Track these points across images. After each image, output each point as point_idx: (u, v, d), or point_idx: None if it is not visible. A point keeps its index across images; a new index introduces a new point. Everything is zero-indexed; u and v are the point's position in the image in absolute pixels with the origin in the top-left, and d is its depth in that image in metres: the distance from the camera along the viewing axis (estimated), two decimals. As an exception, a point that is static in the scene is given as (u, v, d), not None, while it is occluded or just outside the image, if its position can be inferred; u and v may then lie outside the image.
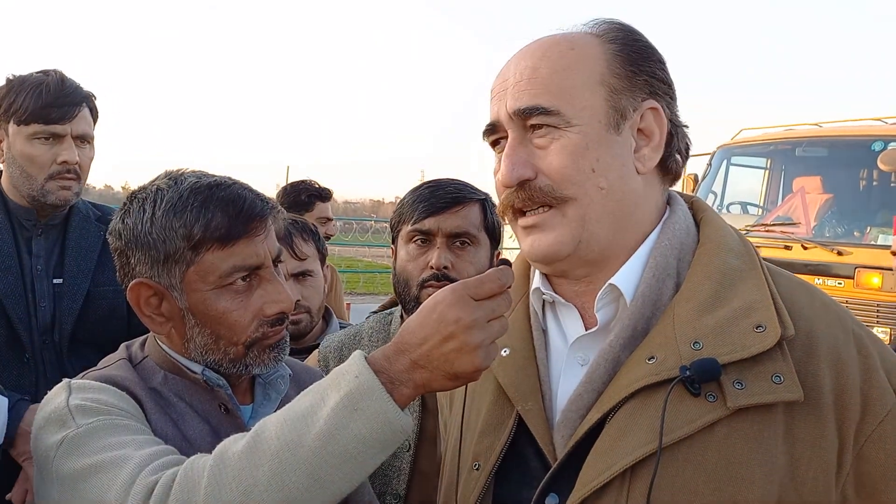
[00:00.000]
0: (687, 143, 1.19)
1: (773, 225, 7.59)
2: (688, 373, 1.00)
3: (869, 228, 7.13)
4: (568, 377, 1.14)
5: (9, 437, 1.91)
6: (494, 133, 1.17)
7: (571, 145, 1.08)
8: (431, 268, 1.80)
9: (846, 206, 7.64)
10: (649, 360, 1.04)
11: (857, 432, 1.02)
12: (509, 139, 1.13)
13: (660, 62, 1.15)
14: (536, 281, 1.20)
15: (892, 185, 7.43)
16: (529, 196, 1.11)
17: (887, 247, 6.71)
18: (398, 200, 2.02)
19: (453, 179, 1.92)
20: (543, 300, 1.21)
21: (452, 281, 1.74)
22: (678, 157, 1.17)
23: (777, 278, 1.11)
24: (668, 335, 1.05)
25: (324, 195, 4.31)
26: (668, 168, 1.16)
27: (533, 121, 1.10)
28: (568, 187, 1.09)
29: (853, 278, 6.70)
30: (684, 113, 1.19)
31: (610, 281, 1.11)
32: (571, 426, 1.09)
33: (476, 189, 1.92)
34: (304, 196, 4.14)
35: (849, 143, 7.71)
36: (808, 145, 8.06)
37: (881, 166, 7.01)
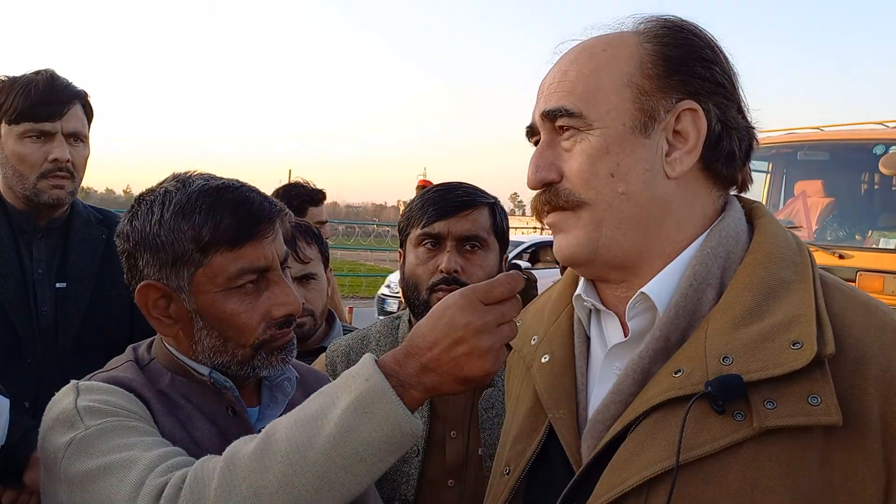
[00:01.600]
0: (748, 146, 1.10)
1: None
2: (709, 389, 0.94)
3: (871, 232, 7.13)
4: (602, 386, 1.10)
5: (19, 461, 1.92)
6: (534, 135, 1.16)
7: (591, 149, 1.05)
8: (441, 272, 1.79)
9: (848, 209, 7.63)
10: (676, 373, 0.99)
11: None
12: (540, 141, 1.12)
13: (704, 60, 1.07)
14: (580, 287, 1.17)
15: (893, 188, 7.42)
16: (549, 200, 1.10)
17: (889, 250, 6.72)
18: (399, 204, 2.02)
19: (462, 183, 1.91)
20: (590, 308, 1.17)
21: (462, 285, 1.74)
22: (730, 161, 1.08)
23: (832, 292, 1.02)
24: (697, 348, 0.99)
25: (315, 199, 4.17)
26: (718, 172, 1.08)
27: (559, 123, 1.08)
28: (585, 191, 1.06)
29: (855, 282, 6.69)
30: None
31: (642, 290, 1.06)
32: (597, 436, 1.05)
33: (485, 193, 1.91)
34: (294, 202, 4.02)
35: (850, 147, 7.70)
36: (809, 149, 8.05)
37: (883, 170, 7.00)
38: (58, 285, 2.26)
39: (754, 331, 0.97)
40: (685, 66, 1.06)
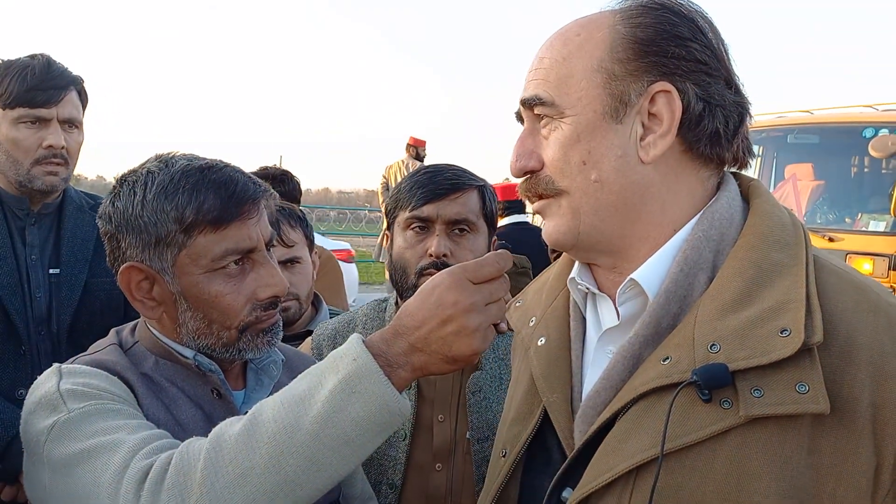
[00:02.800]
0: (736, 123, 1.05)
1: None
2: (695, 378, 0.93)
3: (860, 215, 7.17)
4: (595, 369, 1.10)
5: (17, 456, 1.90)
6: (521, 121, 1.16)
7: (563, 137, 1.05)
8: (430, 255, 1.77)
9: (837, 192, 7.68)
10: (664, 360, 0.98)
11: None
12: (523, 129, 1.12)
13: (679, 38, 1.03)
14: (574, 270, 1.17)
15: (883, 171, 7.45)
16: (530, 188, 1.10)
17: (878, 233, 6.76)
18: (387, 172, 2.00)
19: (451, 165, 1.90)
20: (586, 291, 1.17)
21: None
22: (715, 139, 1.04)
23: (825, 275, 1.00)
24: (686, 335, 0.98)
25: (286, 183, 4.16)
26: (701, 152, 1.05)
27: (536, 111, 1.08)
28: (561, 180, 1.06)
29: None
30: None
31: (631, 276, 1.05)
32: (589, 422, 1.06)
33: (475, 175, 1.89)
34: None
35: (840, 130, 7.74)
36: (799, 132, 8.08)
37: (872, 153, 7.04)
38: (51, 271, 2.25)
39: (743, 317, 0.96)
40: (657, 47, 1.03)
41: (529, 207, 1.18)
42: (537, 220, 6.64)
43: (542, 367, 1.16)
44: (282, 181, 3.94)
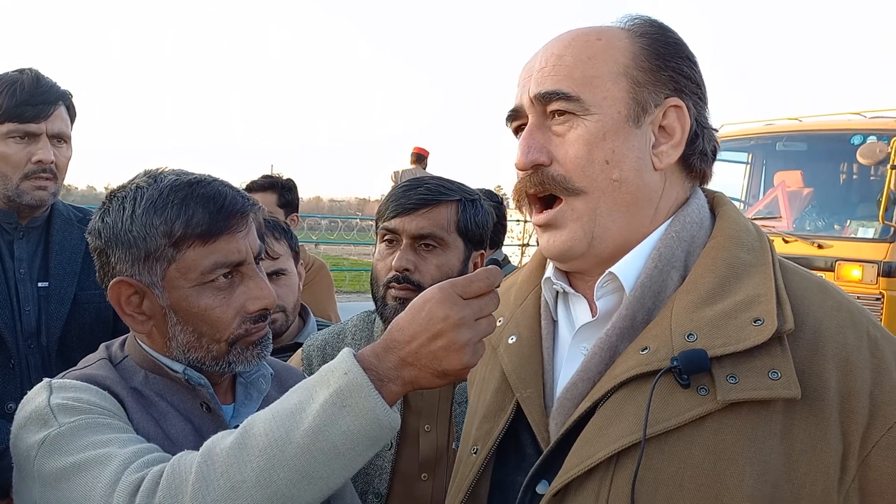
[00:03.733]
0: (714, 146, 1.17)
1: (755, 219, 7.61)
2: (675, 363, 0.98)
3: (849, 222, 7.21)
4: (569, 366, 1.13)
5: (6, 472, 1.89)
6: (517, 119, 1.17)
7: (588, 133, 1.08)
8: (392, 269, 1.77)
9: (826, 199, 7.71)
10: (643, 350, 1.03)
11: (863, 438, 0.97)
12: (529, 123, 1.13)
13: (689, 60, 1.13)
14: (549, 271, 1.19)
15: (871, 178, 7.49)
16: (541, 181, 1.11)
17: (867, 240, 6.79)
18: (394, 176, 2.01)
19: (433, 178, 1.89)
20: (556, 291, 1.20)
21: (415, 283, 1.73)
22: (703, 157, 1.15)
23: (790, 275, 1.08)
24: (664, 326, 1.04)
25: (293, 190, 4.17)
26: (691, 166, 1.14)
27: (553, 106, 1.10)
28: (580, 179, 1.08)
29: (834, 271, 6.76)
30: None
31: (610, 269, 1.10)
32: (566, 414, 1.08)
33: (455, 189, 1.85)
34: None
35: (828, 138, 7.78)
36: (788, 140, 8.13)
37: (860, 160, 7.08)
38: (40, 284, 2.24)
39: (718, 309, 1.02)
40: (675, 63, 1.11)
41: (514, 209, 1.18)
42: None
43: (515, 364, 1.18)
44: (289, 189, 3.97)
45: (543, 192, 1.12)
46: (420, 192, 1.81)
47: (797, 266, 1.13)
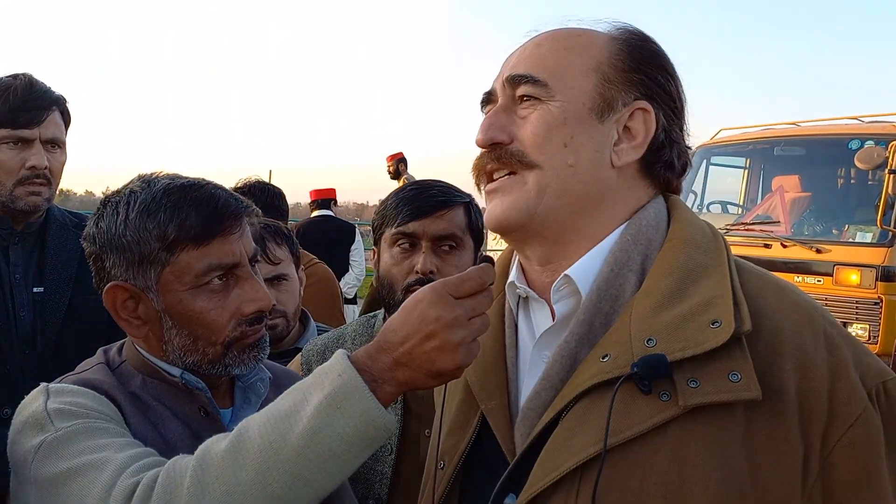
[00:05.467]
0: (685, 162, 1.17)
1: (753, 224, 7.65)
2: (636, 369, 0.97)
3: (847, 226, 7.20)
4: (532, 374, 1.13)
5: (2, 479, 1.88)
6: (489, 103, 1.19)
7: (549, 116, 1.09)
8: (417, 272, 1.78)
9: (824, 204, 7.71)
10: (603, 357, 1.02)
11: (824, 437, 0.97)
12: (497, 104, 1.15)
13: (666, 72, 1.14)
14: (512, 275, 1.19)
15: (869, 183, 7.50)
16: (498, 157, 1.12)
17: (865, 244, 6.80)
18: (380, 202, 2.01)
19: (437, 181, 1.91)
20: (518, 297, 1.20)
21: None
22: (669, 168, 1.15)
23: (747, 276, 1.08)
24: (623, 332, 1.03)
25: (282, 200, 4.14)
26: (654, 173, 1.14)
27: (521, 90, 1.12)
28: (536, 154, 1.09)
29: (832, 275, 6.76)
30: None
31: (566, 272, 1.10)
32: (530, 425, 1.07)
33: (461, 191, 1.91)
34: (263, 200, 3.94)
35: (826, 142, 7.79)
36: (786, 144, 8.14)
37: (858, 165, 7.08)
38: (35, 290, 2.24)
39: (675, 313, 1.02)
40: (649, 70, 1.13)
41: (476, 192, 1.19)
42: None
43: (478, 375, 1.17)
44: (280, 198, 3.92)
45: (500, 169, 1.13)
46: (434, 194, 1.84)
47: (753, 266, 1.13)
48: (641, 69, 1.12)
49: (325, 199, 6.90)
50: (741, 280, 1.06)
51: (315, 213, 6.89)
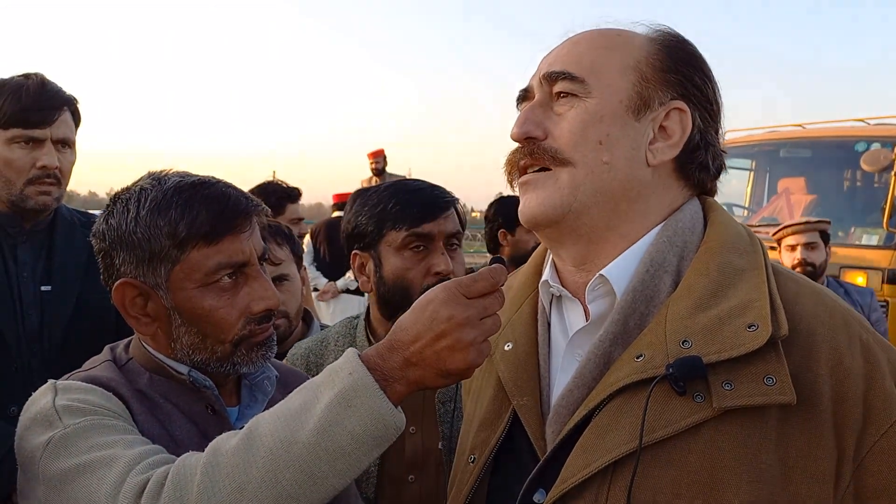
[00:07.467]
0: (720, 164, 1.17)
1: (759, 226, 7.64)
2: (671, 371, 0.97)
3: (853, 228, 7.18)
4: (565, 373, 1.13)
5: (8, 476, 1.87)
6: (525, 100, 1.19)
7: (586, 113, 1.09)
8: (438, 273, 1.77)
9: (830, 206, 7.68)
10: (637, 357, 1.02)
11: (858, 442, 0.97)
12: (534, 100, 1.16)
13: (703, 73, 1.15)
14: (546, 274, 1.20)
15: (875, 185, 7.47)
16: (532, 152, 1.12)
17: (871, 246, 6.78)
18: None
19: (421, 180, 1.92)
20: (552, 295, 1.20)
21: None
22: (703, 169, 1.15)
23: (783, 280, 1.08)
24: (658, 333, 1.03)
25: (293, 196, 4.24)
26: (688, 174, 1.14)
27: (558, 87, 1.12)
28: (571, 152, 1.09)
29: (839, 277, 6.74)
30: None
31: (601, 272, 1.10)
32: (561, 422, 1.08)
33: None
34: (272, 198, 4.01)
35: (832, 145, 7.77)
36: (792, 146, 8.12)
37: (864, 167, 7.06)
38: (43, 288, 2.24)
39: (712, 315, 1.01)
40: (686, 71, 1.13)
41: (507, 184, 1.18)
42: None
43: (511, 372, 1.18)
44: (292, 196, 4.00)
45: (533, 164, 1.13)
46: (438, 194, 1.86)
47: (790, 271, 1.13)
48: (679, 70, 1.13)
49: (345, 202, 7.46)
50: (777, 284, 1.05)
51: (336, 214, 7.49)
